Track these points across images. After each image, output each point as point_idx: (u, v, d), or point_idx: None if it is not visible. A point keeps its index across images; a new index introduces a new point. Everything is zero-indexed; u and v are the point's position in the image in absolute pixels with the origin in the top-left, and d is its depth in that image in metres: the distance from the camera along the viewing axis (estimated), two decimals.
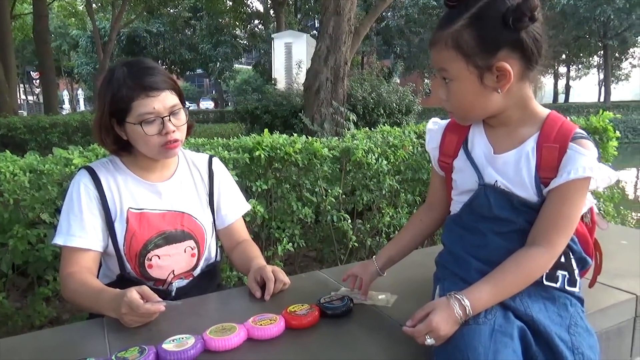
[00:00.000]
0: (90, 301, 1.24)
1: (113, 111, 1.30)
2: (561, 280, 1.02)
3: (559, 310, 0.99)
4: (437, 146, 1.18)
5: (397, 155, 2.54)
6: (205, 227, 1.47)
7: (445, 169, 1.17)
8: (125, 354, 0.96)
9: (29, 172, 1.84)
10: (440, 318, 0.91)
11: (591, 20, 24.09)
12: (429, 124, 1.24)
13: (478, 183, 1.07)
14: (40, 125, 7.45)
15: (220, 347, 1.01)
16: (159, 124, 1.30)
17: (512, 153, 1.02)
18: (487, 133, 1.08)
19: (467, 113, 1.04)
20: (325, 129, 4.67)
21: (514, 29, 0.91)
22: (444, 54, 0.97)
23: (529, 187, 1.00)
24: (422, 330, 0.92)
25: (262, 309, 1.17)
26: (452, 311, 0.91)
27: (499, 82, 0.96)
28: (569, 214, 0.97)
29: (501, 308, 0.97)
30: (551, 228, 0.97)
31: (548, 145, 0.98)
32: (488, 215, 1.05)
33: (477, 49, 0.93)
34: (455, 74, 0.98)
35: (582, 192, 0.97)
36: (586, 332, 0.97)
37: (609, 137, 2.88)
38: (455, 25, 0.94)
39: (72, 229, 1.30)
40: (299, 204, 2.31)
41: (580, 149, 0.95)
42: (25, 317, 1.96)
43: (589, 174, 0.93)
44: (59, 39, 29.20)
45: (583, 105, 23.95)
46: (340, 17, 4.79)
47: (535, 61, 0.97)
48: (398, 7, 22.16)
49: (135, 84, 1.27)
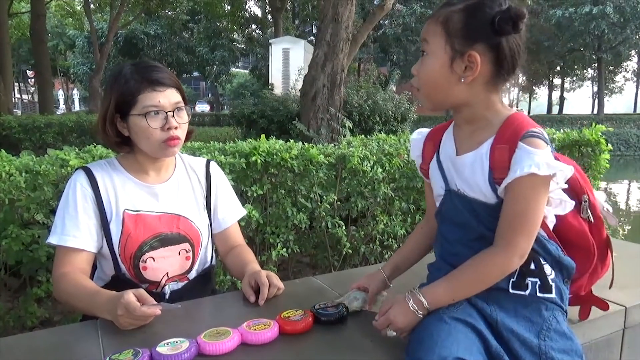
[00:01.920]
0: (85, 302, 1.23)
1: (119, 104, 1.32)
2: (531, 287, 1.03)
3: (530, 314, 1.01)
4: (419, 154, 1.22)
5: (392, 163, 2.56)
6: (202, 230, 1.47)
7: (427, 175, 1.21)
8: (120, 357, 0.97)
9: (25, 172, 1.84)
10: (396, 312, 1.02)
11: (586, 33, 24.35)
12: (413, 134, 1.28)
13: (443, 189, 1.11)
14: (35, 125, 7.41)
15: (214, 351, 1.01)
16: (163, 118, 1.32)
17: (470, 155, 1.05)
18: (455, 134, 1.12)
19: (430, 91, 1.07)
20: (321, 135, 4.69)
21: (497, 30, 0.96)
22: (432, 27, 1.03)
23: (484, 188, 1.02)
24: (382, 323, 1.03)
25: (256, 313, 1.18)
26: (407, 305, 1.01)
27: (465, 72, 1.00)
28: (523, 212, 0.97)
29: (468, 305, 1.02)
30: (507, 227, 0.98)
31: (500, 146, 1.00)
32: (455, 221, 1.09)
33: (459, 33, 0.99)
34: (432, 49, 1.03)
35: (536, 190, 0.97)
36: (561, 337, 0.99)
37: (602, 149, 2.92)
38: (453, 7, 1.01)
39: (66, 229, 1.31)
40: (293, 210, 2.32)
41: (528, 148, 0.96)
42: (16, 317, 1.95)
43: (534, 171, 0.94)
44: (56, 39, 29.11)
45: (577, 117, 24.13)
46: (338, 24, 4.82)
47: (507, 72, 1.01)
48: (395, 16, 22.29)
49: (143, 78, 1.30)
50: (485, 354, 0.94)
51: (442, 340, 0.91)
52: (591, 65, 31.33)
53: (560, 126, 17.50)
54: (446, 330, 0.94)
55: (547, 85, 35.99)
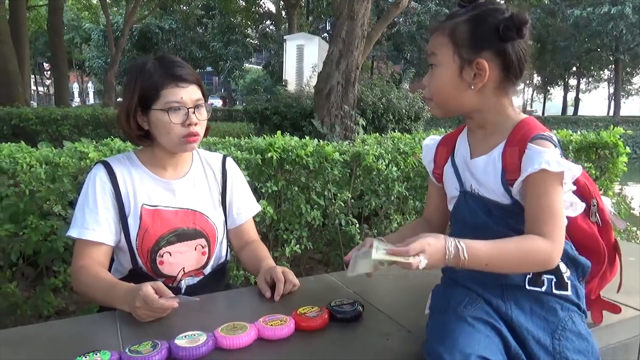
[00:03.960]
0: (103, 294, 1.26)
1: (141, 98, 1.33)
2: (547, 284, 1.04)
3: (546, 314, 1.02)
4: (431, 159, 1.26)
5: (407, 162, 2.55)
6: (217, 226, 1.48)
7: (439, 180, 1.24)
8: (139, 348, 0.98)
9: (45, 164, 1.87)
10: (432, 241, 0.94)
11: (603, 34, 23.96)
12: (426, 140, 1.32)
13: (458, 190, 1.14)
14: (52, 117, 7.49)
15: (231, 345, 1.03)
16: (184, 114, 1.33)
17: (483, 158, 1.09)
18: (469, 137, 1.16)
19: (442, 100, 1.10)
20: (334, 133, 4.69)
21: (502, 36, 1.00)
22: (439, 40, 1.07)
23: (497, 189, 1.06)
24: (416, 247, 0.93)
25: (272, 309, 1.19)
26: (442, 243, 0.94)
27: (475, 79, 1.04)
28: (548, 205, 0.99)
29: (484, 303, 1.02)
30: (541, 222, 0.99)
31: (511, 148, 1.04)
32: (469, 223, 1.11)
33: (467, 42, 1.03)
34: (441, 60, 1.07)
35: (552, 185, 0.99)
36: (577, 337, 0.99)
37: (619, 152, 2.88)
38: (457, 19, 1.05)
39: (86, 222, 1.32)
40: (307, 207, 2.33)
41: (536, 147, 1.00)
42: (33, 306, 1.98)
43: (545, 167, 0.97)
44: (72, 32, 29.37)
45: (592, 118, 23.83)
46: (354, 21, 4.80)
47: (515, 76, 1.05)
48: (410, 14, 22.15)
49: (166, 74, 1.32)
50: (504, 354, 0.95)
51: (464, 339, 0.92)
52: (608, 66, 30.89)
53: (576, 128, 17.30)
54: (467, 329, 0.95)
55: (562, 86, 35.54)
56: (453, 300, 1.04)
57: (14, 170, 1.81)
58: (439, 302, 1.06)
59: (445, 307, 1.03)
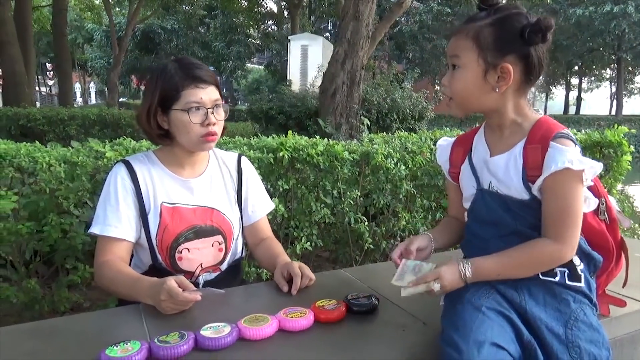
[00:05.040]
0: (127, 288, 1.29)
1: (162, 98, 1.37)
2: (560, 275, 1.08)
3: (559, 305, 1.06)
4: (447, 159, 1.30)
5: (415, 160, 2.59)
6: (233, 223, 1.52)
7: (456, 179, 1.27)
8: (167, 338, 1.02)
9: (63, 162, 1.91)
10: (448, 273, 1.06)
11: (606, 33, 23.94)
12: (439, 140, 1.36)
13: (475, 188, 1.17)
14: (59, 117, 7.54)
15: (254, 336, 1.07)
16: (203, 114, 1.37)
17: (503, 156, 1.12)
18: (487, 137, 1.19)
19: (463, 100, 1.13)
20: (340, 132, 4.73)
21: (527, 41, 1.03)
22: (462, 42, 1.08)
23: (518, 186, 1.09)
24: (431, 275, 1.06)
25: (289, 302, 1.22)
26: (457, 266, 1.06)
27: (499, 82, 1.07)
28: (567, 207, 1.03)
29: (497, 294, 1.06)
30: (555, 222, 1.04)
31: (532, 146, 1.07)
32: (487, 220, 1.15)
33: (492, 46, 1.05)
34: (465, 62, 1.09)
35: (573, 184, 1.03)
36: (589, 328, 1.03)
37: (624, 151, 2.91)
38: (480, 22, 1.07)
39: (108, 219, 1.36)
40: (318, 205, 2.37)
41: (559, 146, 1.03)
42: (50, 302, 2.03)
43: (568, 166, 1.00)
44: (74, 32, 29.41)
45: (594, 117, 23.79)
46: (359, 22, 4.85)
47: (535, 77, 1.09)
48: (412, 13, 22.14)
49: (187, 75, 1.36)
50: (517, 343, 0.98)
51: (477, 327, 0.96)
52: (610, 65, 30.84)
53: (578, 127, 17.27)
54: (480, 317, 0.99)
55: (564, 85, 35.49)
56: (467, 292, 1.07)
57: (33, 169, 1.86)
58: (453, 293, 1.09)
59: (460, 298, 1.07)
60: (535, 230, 1.09)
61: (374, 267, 2.03)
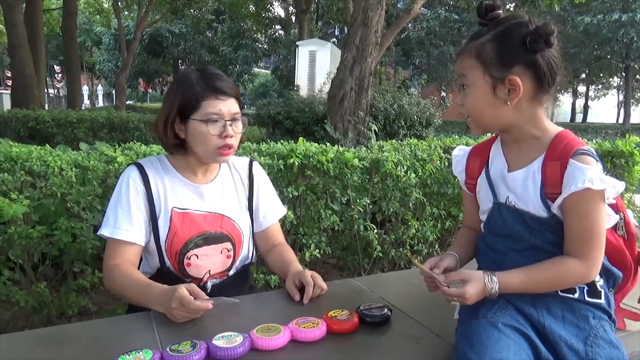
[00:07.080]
0: (137, 294, 1.29)
1: (182, 107, 1.37)
2: (579, 292, 1.06)
3: (578, 321, 1.04)
4: (463, 170, 1.27)
5: (425, 168, 2.58)
6: (243, 230, 1.52)
7: (473, 190, 1.25)
8: (179, 347, 1.02)
9: (75, 167, 1.92)
10: (473, 291, 1.03)
11: (614, 41, 23.84)
12: (455, 150, 1.34)
13: (492, 202, 1.15)
14: (68, 120, 7.57)
15: (266, 346, 1.06)
16: (221, 126, 1.37)
17: (521, 171, 1.10)
18: (505, 151, 1.17)
19: (478, 118, 1.12)
20: (347, 138, 4.72)
21: (530, 49, 1.01)
22: (467, 62, 1.08)
23: (536, 203, 1.07)
24: (453, 294, 1.05)
25: (301, 312, 1.21)
26: (484, 287, 1.04)
27: (510, 95, 1.05)
28: (590, 227, 1.02)
29: (514, 310, 1.04)
30: (580, 242, 1.03)
31: (551, 162, 1.05)
32: (504, 233, 1.13)
33: (495, 61, 1.04)
34: (472, 81, 1.08)
35: (595, 203, 1.01)
36: (608, 345, 1.01)
37: (635, 161, 2.89)
38: (481, 39, 1.06)
39: (119, 222, 1.36)
40: (326, 212, 2.36)
41: (579, 164, 1.01)
42: (58, 306, 2.03)
43: (588, 185, 0.98)
44: (83, 35, 29.63)
45: (602, 125, 23.64)
46: (368, 28, 4.85)
47: (548, 84, 1.06)
48: (419, 19, 22.13)
49: (208, 86, 1.36)
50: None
51: (493, 345, 0.94)
52: (618, 73, 30.71)
53: (585, 135, 17.18)
54: (497, 335, 0.97)
55: (571, 93, 35.35)
56: (483, 306, 1.06)
57: (44, 173, 1.86)
58: (469, 308, 1.08)
59: (476, 313, 1.05)
60: (555, 247, 1.07)
61: (386, 276, 2.02)
